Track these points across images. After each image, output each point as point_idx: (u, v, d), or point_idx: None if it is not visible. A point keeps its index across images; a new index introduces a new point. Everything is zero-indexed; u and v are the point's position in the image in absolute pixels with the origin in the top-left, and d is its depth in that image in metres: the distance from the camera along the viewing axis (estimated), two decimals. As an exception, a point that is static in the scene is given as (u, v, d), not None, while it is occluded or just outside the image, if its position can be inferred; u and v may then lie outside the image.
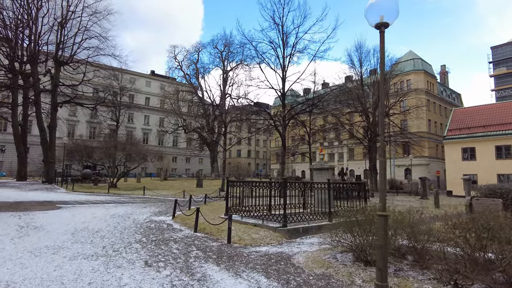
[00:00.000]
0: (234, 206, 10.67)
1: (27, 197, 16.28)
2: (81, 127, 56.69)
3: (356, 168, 67.15)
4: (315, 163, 12.00)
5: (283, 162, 19.84)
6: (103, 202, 15.69)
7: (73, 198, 17.23)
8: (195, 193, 23.18)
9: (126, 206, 13.97)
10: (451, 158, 36.48)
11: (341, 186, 11.25)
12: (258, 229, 8.64)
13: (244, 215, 10.15)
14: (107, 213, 11.30)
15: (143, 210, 12.41)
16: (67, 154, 31.71)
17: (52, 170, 29.88)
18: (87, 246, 6.44)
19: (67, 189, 22.95)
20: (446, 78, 74.77)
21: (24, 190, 21.10)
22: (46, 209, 11.87)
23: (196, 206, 13.92)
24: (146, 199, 18.67)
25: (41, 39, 31.02)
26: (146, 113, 66.19)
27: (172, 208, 13.27)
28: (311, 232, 8.95)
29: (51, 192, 20.45)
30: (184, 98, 53.30)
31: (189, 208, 12.56)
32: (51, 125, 30.64)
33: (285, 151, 20.28)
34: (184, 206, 12.77)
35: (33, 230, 7.77)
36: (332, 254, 6.48)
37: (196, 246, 6.83)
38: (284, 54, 20.08)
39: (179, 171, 65.84)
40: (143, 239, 7.33)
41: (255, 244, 7.31)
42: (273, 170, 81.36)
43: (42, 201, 14.72)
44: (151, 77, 69.69)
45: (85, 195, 19.29)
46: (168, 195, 21.42)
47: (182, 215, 10.45)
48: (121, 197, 19.05)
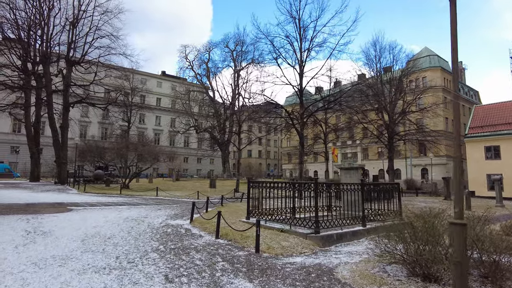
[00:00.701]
0: (255, 209, 9.82)
1: (38, 199, 15.77)
2: (93, 128, 56.79)
3: (371, 168, 65.48)
4: (343, 162, 11.04)
5: (301, 162, 18.91)
6: (116, 204, 15.04)
7: (85, 199, 16.67)
8: (209, 193, 22.44)
9: (140, 208, 13.27)
10: (473, 157, 34.85)
11: (374, 188, 10.28)
12: (286, 235, 7.76)
13: (267, 219, 9.29)
14: (120, 216, 10.58)
15: (158, 213, 11.67)
16: (79, 155, 31.43)
17: (64, 171, 29.61)
18: (98, 256, 5.66)
19: (79, 190, 22.51)
20: (463, 75, 72.44)
21: (36, 191, 20.71)
22: (56, 211, 11.23)
23: (213, 208, 13.17)
24: (159, 200, 17.99)
25: (53, 39, 30.88)
26: (158, 114, 66.04)
27: (189, 211, 12.52)
28: (345, 239, 8.02)
29: (62, 193, 19.99)
30: (195, 98, 52.79)
31: (206, 211, 11.76)
32: (63, 126, 30.41)
33: (303, 151, 19.32)
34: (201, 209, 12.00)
35: (40, 236, 7.06)
36: (380, 267, 5.54)
37: (221, 256, 5.98)
38: (301, 49, 19.16)
39: (190, 172, 65.45)
40: (161, 247, 6.53)
41: (287, 253, 6.42)
42: (285, 170, 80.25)
43: (52, 203, 14.15)
44: (162, 77, 69.56)
45: (96, 197, 18.74)
46: (182, 196, 20.72)
47: (200, 219, 9.64)
48: (133, 199, 18.42)
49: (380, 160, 65.14)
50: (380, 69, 28.17)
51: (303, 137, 19.36)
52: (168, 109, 66.85)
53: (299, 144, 18.90)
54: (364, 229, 8.75)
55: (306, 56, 18.94)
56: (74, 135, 37.66)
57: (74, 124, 42.68)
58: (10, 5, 28.91)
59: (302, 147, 18.98)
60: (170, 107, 66.94)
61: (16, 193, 18.91)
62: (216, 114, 50.73)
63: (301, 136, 19.02)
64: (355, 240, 8.20)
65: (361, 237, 8.47)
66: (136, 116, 51.07)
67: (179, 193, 23.17)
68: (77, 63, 30.93)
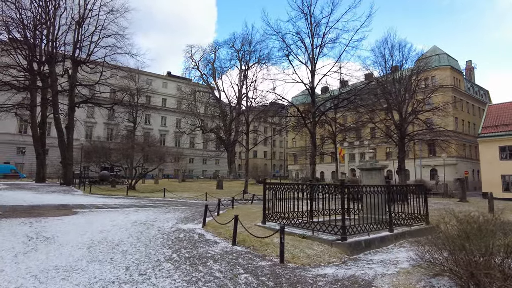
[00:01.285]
0: (270, 212, 9.19)
1: (43, 201, 15.29)
2: (99, 129, 56.57)
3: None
4: (364, 163, 10.36)
5: (313, 163, 18.22)
6: (122, 206, 14.50)
7: (90, 201, 16.17)
8: (216, 195, 21.85)
9: (147, 210, 12.70)
10: (487, 158, 33.81)
11: (400, 189, 9.59)
12: (308, 242, 7.11)
13: (283, 223, 8.65)
14: (127, 219, 10.00)
15: (167, 216, 11.08)
16: (85, 156, 31.05)
17: (69, 172, 29.23)
18: (106, 266, 5.06)
19: (85, 191, 22.05)
20: (472, 74, 71.11)
21: (41, 193, 20.29)
22: (60, 214, 10.70)
23: (224, 210, 12.56)
24: (167, 202, 17.43)
25: (59, 39, 30.56)
26: (163, 114, 65.74)
27: (199, 213, 11.93)
28: (373, 246, 7.34)
29: (67, 195, 19.53)
30: (201, 98, 52.38)
31: (218, 214, 11.15)
32: (69, 126, 30.05)
33: (315, 150, 18.63)
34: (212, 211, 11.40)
35: (43, 242, 6.49)
36: (425, 280, 4.87)
37: (243, 266, 5.34)
38: (313, 45, 18.50)
39: (196, 172, 65.01)
40: (174, 255, 5.91)
41: (314, 263, 5.77)
42: (291, 171, 79.44)
43: (57, 205, 13.65)
44: (167, 78, 69.27)
45: (102, 198, 18.24)
46: (190, 198, 20.15)
47: (213, 222, 9.02)
48: (140, 200, 17.88)
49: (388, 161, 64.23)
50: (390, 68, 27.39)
51: (315, 137, 18.70)
52: (174, 110, 66.52)
53: (311, 144, 18.22)
54: (391, 235, 8.06)
55: (318, 53, 18.31)
56: (80, 136, 37.35)
57: (80, 125, 42.41)
58: (16, 5, 28.68)
59: (314, 147, 18.30)
60: (175, 107, 66.61)
61: (21, 195, 18.48)
62: (222, 114, 50.24)
63: (313, 135, 18.35)
64: (383, 247, 7.52)
65: (389, 243, 7.79)
66: (142, 116, 50.73)
67: (186, 194, 22.62)
68: (82, 63, 30.58)
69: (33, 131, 32.17)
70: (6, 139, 47.40)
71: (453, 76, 56.89)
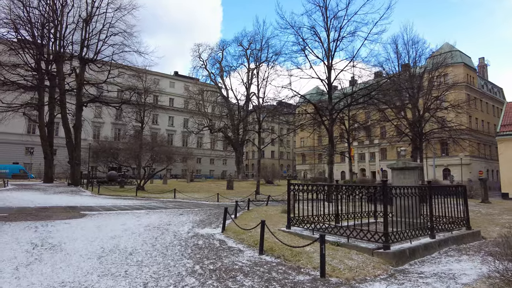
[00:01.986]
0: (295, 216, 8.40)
1: (50, 202, 14.70)
2: (106, 129, 56.38)
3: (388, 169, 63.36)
4: (396, 162, 9.49)
5: (331, 162, 17.33)
6: (132, 207, 13.83)
7: (99, 202, 15.54)
8: (228, 196, 21.13)
9: (159, 213, 11.99)
10: (507, 157, 32.49)
11: (439, 191, 8.71)
12: (345, 250, 6.30)
13: (310, 228, 7.86)
14: (139, 223, 9.29)
15: (181, 219, 10.34)
16: (92, 156, 30.63)
17: (77, 172, 28.79)
18: (121, 282, 4.32)
19: (93, 192, 21.49)
20: (485, 71, 69.30)
21: (48, 193, 19.78)
22: (68, 217, 10.04)
23: (240, 212, 11.80)
24: (178, 203, 16.73)
25: (66, 38, 30.16)
26: (171, 114, 65.39)
27: (215, 216, 11.20)
28: (418, 255, 6.50)
29: (76, 196, 18.97)
30: (209, 98, 51.79)
31: (235, 216, 10.38)
32: (76, 125, 29.61)
33: (333, 149, 17.73)
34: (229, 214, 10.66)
35: (48, 251, 5.78)
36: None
37: (279, 282, 4.56)
38: (329, 40, 17.64)
39: (203, 172, 64.49)
40: (197, 267, 5.14)
41: (359, 277, 4.96)
42: (300, 171, 78.48)
43: (65, 207, 13.02)
44: (174, 77, 68.91)
45: (111, 199, 17.63)
46: (201, 199, 19.43)
47: (233, 227, 8.26)
48: (151, 202, 17.22)
49: (399, 161, 62.92)
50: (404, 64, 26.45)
51: (332, 135, 17.84)
52: (181, 110, 66.12)
53: (329, 142, 17.35)
54: (434, 242, 7.21)
55: (335, 47, 17.42)
56: (87, 136, 36.99)
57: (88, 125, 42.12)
58: (24, 3, 28.34)
59: (332, 145, 17.39)
60: (183, 107, 66.23)
61: (28, 195, 17.98)
62: (230, 113, 49.55)
63: (331, 134, 17.49)
64: (427, 256, 6.68)
65: (432, 251, 6.95)
66: (149, 116, 50.30)
67: (197, 195, 21.91)
68: (90, 61, 30.13)
69: (41, 131, 31.84)
70: (15, 139, 47.38)
71: (466, 74, 55.40)
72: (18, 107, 30.37)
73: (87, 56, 30.34)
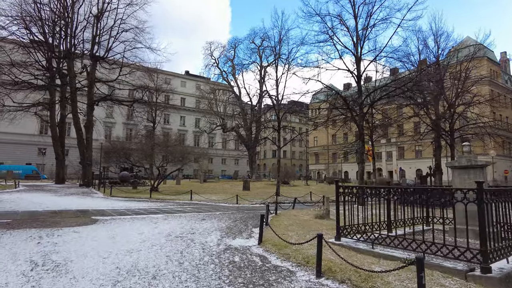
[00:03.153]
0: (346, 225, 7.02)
1: (60, 205, 13.64)
2: (118, 129, 55.83)
3: (407, 168, 61.11)
4: (458, 158, 7.99)
5: (362, 161, 15.82)
6: (148, 211, 12.65)
7: (112, 205, 14.43)
8: (246, 197, 19.80)
9: (179, 218, 10.75)
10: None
11: None
12: (426, 272, 4.88)
13: (365, 239, 6.49)
14: (158, 231, 8.05)
15: (204, 226, 9.06)
16: (104, 156, 29.73)
17: (89, 173, 27.93)
18: (146, 331, 3.01)
19: (105, 194, 20.47)
20: (508, 66, 66.28)
21: (59, 195, 18.83)
22: (78, 224, 8.87)
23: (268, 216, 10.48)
24: (196, 206, 15.50)
25: (77, 36, 29.37)
26: (182, 114, 64.62)
27: (242, 221, 9.87)
28: (521, 279, 5.03)
29: (87, 198, 17.96)
30: (220, 97, 50.71)
31: (266, 223, 9.04)
32: (88, 125, 28.76)
33: (363, 147, 16.24)
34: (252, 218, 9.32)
35: (50, 274, 4.54)
36: None
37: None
38: (357, 28, 16.15)
39: (215, 173, 63.42)
40: (244, 300, 3.82)
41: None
42: (313, 171, 76.73)
43: (75, 211, 11.91)
44: (185, 77, 68.07)
45: (124, 202, 16.52)
46: (219, 201, 18.16)
47: (271, 237, 6.93)
48: (166, 204, 16.03)
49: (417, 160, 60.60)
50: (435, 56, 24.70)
51: (363, 131, 16.32)
52: (193, 109, 65.26)
53: (359, 139, 15.84)
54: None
55: (364, 36, 15.92)
56: (99, 136, 36.22)
57: (99, 125, 41.47)
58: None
59: (362, 143, 15.87)
60: (194, 107, 65.38)
61: (38, 197, 17.04)
62: (242, 112, 48.34)
63: (361, 130, 15.99)
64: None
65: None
66: (161, 116, 49.47)
67: (214, 196, 20.64)
68: (101, 59, 29.26)
69: (52, 131, 31.18)
70: (28, 140, 47.16)
71: (489, 68, 52.83)
72: (30, 106, 29.71)
73: (98, 54, 29.50)
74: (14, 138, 46.54)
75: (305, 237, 7.32)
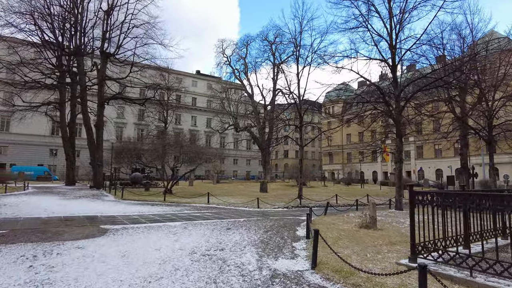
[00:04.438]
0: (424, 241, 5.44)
1: (66, 210, 12.37)
2: (129, 129, 55.05)
3: (426, 168, 58.60)
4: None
5: (400, 160, 14.16)
6: (164, 217, 11.26)
7: (123, 210, 13.11)
8: (265, 200, 18.28)
9: (200, 226, 9.31)
10: None
11: None
12: None
13: (454, 262, 4.91)
14: (179, 245, 6.60)
15: (233, 238, 7.57)
16: (115, 156, 28.69)
17: (99, 174, 26.83)
18: None
19: (116, 196, 19.23)
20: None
21: (67, 198, 17.67)
22: (84, 235, 7.50)
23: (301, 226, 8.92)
24: (215, 210, 14.05)
25: (87, 34, 28.35)
26: (194, 114, 63.56)
27: (275, 231, 8.32)
28: None
29: (97, 201, 16.73)
30: (232, 96, 49.42)
31: (307, 235, 7.49)
32: (98, 124, 27.66)
33: (401, 144, 14.55)
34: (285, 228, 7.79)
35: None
36: None
37: None
38: (391, 14, 14.49)
39: (227, 173, 62.10)
40: None
41: None
42: (327, 171, 74.70)
43: (82, 218, 10.59)
44: (197, 76, 66.99)
45: (137, 206, 15.20)
46: (238, 204, 16.68)
47: (325, 257, 5.39)
48: (183, 208, 14.63)
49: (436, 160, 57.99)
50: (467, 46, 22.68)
51: (400, 127, 14.63)
52: (204, 109, 64.16)
53: (396, 136, 14.15)
54: None
55: (400, 21, 14.22)
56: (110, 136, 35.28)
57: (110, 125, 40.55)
58: (44, -5, 26.72)
59: (400, 140, 14.18)
60: (206, 106, 64.28)
61: (45, 201, 15.90)
62: (255, 111, 46.92)
63: (399, 124, 14.29)
64: None
65: None
66: (173, 116, 48.42)
67: (232, 199, 19.16)
68: (112, 55, 28.16)
69: (62, 132, 30.27)
70: (40, 141, 46.65)
71: (520, 61, 50.00)
72: (39, 105, 28.82)
73: (108, 51, 28.42)
74: (26, 139, 46.17)
75: (366, 256, 5.76)
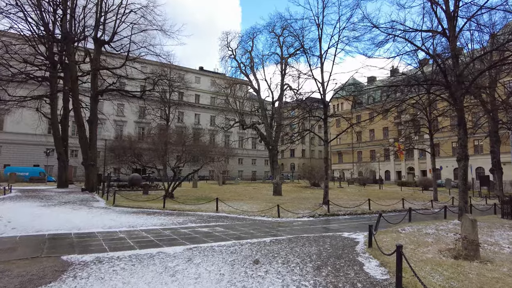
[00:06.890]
0: None
1: (33, 225, 9.36)
2: (129, 128, 52.11)
3: (444, 166, 55.17)
4: None
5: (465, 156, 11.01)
6: (160, 235, 8.25)
7: (109, 223, 10.11)
8: (283, 205, 15.19)
9: (213, 256, 6.28)
10: None
11: None
12: None
13: None
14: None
15: (267, 283, 4.52)
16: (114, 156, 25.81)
17: (93, 175, 23.88)
18: None
19: (107, 202, 16.25)
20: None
21: (49, 205, 14.73)
22: (20, 283, 4.51)
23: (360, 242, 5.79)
24: (227, 221, 11.01)
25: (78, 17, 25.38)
26: (197, 112, 60.64)
27: (330, 270, 5.23)
28: None
29: (82, 208, 13.74)
30: (238, 92, 46.38)
31: (397, 285, 4.46)
32: (91, 119, 24.68)
33: (466, 137, 11.36)
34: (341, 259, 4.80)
35: None
36: None
37: None
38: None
39: (232, 173, 59.10)
40: None
41: None
42: (336, 171, 71.44)
43: (46, 238, 7.53)
44: (200, 72, 63.98)
45: (129, 215, 12.18)
46: (253, 212, 13.59)
47: None
48: (185, 219, 11.60)
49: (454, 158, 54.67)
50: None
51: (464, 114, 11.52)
52: (208, 106, 61.19)
53: (460, 126, 10.99)
54: None
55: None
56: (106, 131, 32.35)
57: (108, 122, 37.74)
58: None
59: (465, 132, 10.97)
60: (209, 103, 61.33)
61: (17, 209, 13.00)
62: (261, 107, 43.91)
63: (462, 111, 11.11)
64: None
65: None
66: (175, 114, 45.49)
67: (245, 206, 16.03)
68: (106, 43, 25.22)
69: (53, 128, 27.40)
70: (35, 140, 43.77)
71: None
72: (27, 99, 25.86)
73: (102, 38, 25.48)
74: (21, 139, 43.58)
75: None
